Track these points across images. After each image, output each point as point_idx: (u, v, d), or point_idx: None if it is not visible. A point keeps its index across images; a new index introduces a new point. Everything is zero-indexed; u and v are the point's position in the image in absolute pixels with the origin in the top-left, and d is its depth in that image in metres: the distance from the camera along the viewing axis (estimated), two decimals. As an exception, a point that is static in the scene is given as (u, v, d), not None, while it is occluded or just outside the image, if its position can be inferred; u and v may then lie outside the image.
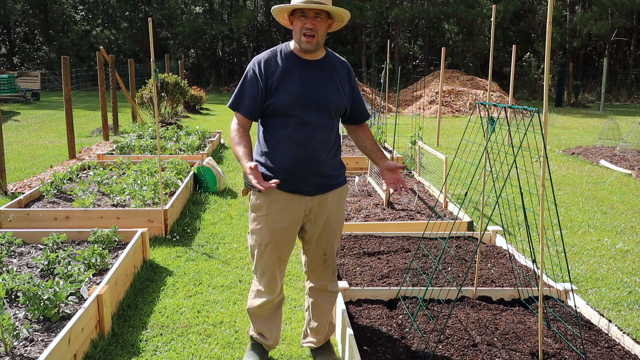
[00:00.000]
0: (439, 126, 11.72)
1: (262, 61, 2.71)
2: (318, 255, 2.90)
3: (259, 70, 2.70)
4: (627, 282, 4.32)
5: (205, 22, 30.48)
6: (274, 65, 2.70)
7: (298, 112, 2.67)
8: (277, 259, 2.81)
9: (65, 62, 9.38)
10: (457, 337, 3.01)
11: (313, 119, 2.69)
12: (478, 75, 26.19)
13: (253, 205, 2.79)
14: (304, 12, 2.63)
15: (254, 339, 3.04)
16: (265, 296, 2.89)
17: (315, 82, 2.71)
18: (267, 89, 2.68)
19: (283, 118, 2.69)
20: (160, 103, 14.02)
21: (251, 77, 2.72)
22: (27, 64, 33.79)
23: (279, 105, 2.67)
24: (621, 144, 10.42)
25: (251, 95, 2.70)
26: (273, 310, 2.97)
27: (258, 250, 2.81)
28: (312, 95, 2.69)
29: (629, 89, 27.10)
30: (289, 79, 2.68)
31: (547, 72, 2.50)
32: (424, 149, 7.20)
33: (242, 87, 2.74)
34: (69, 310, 3.20)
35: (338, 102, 2.76)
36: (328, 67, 2.77)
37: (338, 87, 2.77)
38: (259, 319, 2.98)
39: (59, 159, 9.23)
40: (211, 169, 6.97)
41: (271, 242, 2.76)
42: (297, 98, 2.67)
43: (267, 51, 2.77)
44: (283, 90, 2.67)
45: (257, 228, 2.78)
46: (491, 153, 3.08)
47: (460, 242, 4.61)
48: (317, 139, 2.70)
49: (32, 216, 5.18)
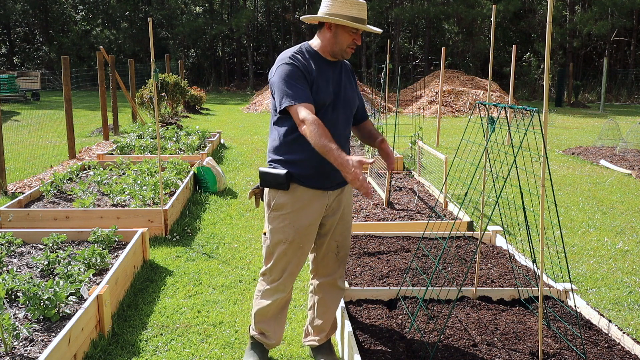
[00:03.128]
0: (439, 126, 11.72)
1: (299, 57, 2.70)
2: (331, 249, 2.93)
3: (300, 64, 2.67)
4: (627, 282, 4.32)
5: (205, 22, 30.49)
6: (309, 63, 2.71)
7: (329, 109, 2.73)
8: (300, 255, 2.81)
9: (65, 62, 9.38)
10: (457, 337, 3.01)
11: (340, 117, 2.78)
12: (478, 75, 26.18)
13: (276, 204, 2.76)
14: (357, 29, 2.71)
15: (255, 339, 3.02)
16: (279, 294, 2.86)
17: (340, 82, 2.80)
18: (309, 83, 2.68)
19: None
20: (160, 103, 14.02)
21: (295, 70, 2.65)
22: (27, 64, 33.79)
23: (315, 102, 2.66)
24: (621, 144, 10.42)
25: (304, 86, 2.64)
26: (279, 310, 2.95)
27: (280, 249, 2.79)
28: (341, 94, 2.78)
29: (629, 89, 27.09)
30: (323, 78, 2.73)
31: (547, 72, 2.50)
32: (424, 149, 7.20)
33: (290, 81, 2.63)
34: (69, 310, 3.20)
35: (355, 101, 2.89)
36: (344, 69, 2.87)
37: (354, 86, 2.89)
38: (264, 319, 2.95)
39: (59, 159, 9.23)
40: (211, 169, 6.98)
41: (296, 240, 2.76)
42: (330, 96, 2.72)
43: (294, 50, 2.76)
44: (320, 88, 2.69)
45: (280, 226, 2.76)
46: (491, 153, 3.08)
47: (460, 242, 4.61)
48: (343, 136, 2.79)
49: (32, 216, 5.18)
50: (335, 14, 2.66)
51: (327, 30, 2.73)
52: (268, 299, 2.88)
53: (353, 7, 2.66)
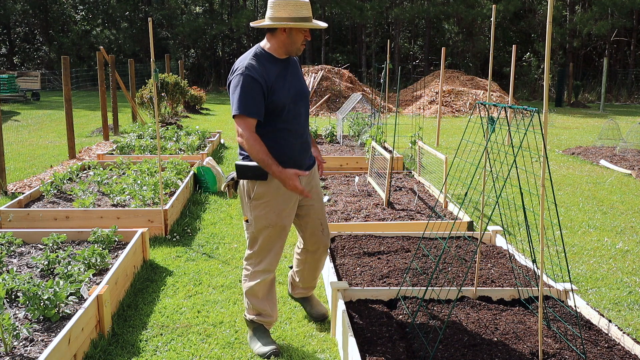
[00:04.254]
0: (439, 126, 11.72)
1: (255, 65, 2.94)
2: (317, 227, 3.29)
3: (256, 73, 2.92)
4: (627, 282, 4.32)
5: (205, 22, 30.48)
6: (264, 68, 2.96)
7: (291, 105, 3.03)
8: (284, 236, 3.15)
9: (65, 62, 9.38)
10: (457, 337, 3.01)
11: (302, 110, 3.11)
12: (478, 75, 26.18)
13: (256, 194, 3.04)
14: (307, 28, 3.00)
15: (255, 322, 3.21)
16: (266, 274, 3.14)
17: (294, 77, 3.10)
18: (268, 89, 2.95)
19: (282, 114, 3.01)
20: (160, 103, 14.02)
21: (249, 81, 2.91)
22: (27, 64, 33.78)
23: (278, 103, 2.98)
24: (621, 144, 10.42)
25: (258, 98, 2.92)
26: (268, 289, 3.20)
27: (265, 233, 3.08)
28: (298, 89, 3.08)
29: (629, 89, 27.09)
30: (280, 78, 3.01)
31: (547, 72, 2.50)
32: (424, 149, 7.20)
33: (244, 93, 2.90)
34: (69, 310, 3.21)
35: (308, 91, 3.22)
36: (292, 63, 3.15)
37: (302, 78, 3.20)
38: (257, 299, 3.17)
39: (59, 159, 9.23)
40: (211, 169, 6.98)
41: (279, 223, 3.08)
42: (289, 93, 3.02)
43: (248, 57, 3.00)
44: (279, 88, 2.98)
45: (262, 214, 3.05)
46: (491, 153, 3.08)
47: (460, 242, 4.61)
48: (306, 126, 3.17)
49: (32, 216, 5.18)
50: (286, 18, 2.92)
51: (282, 33, 2.98)
52: (256, 279, 3.13)
53: (302, 8, 2.93)
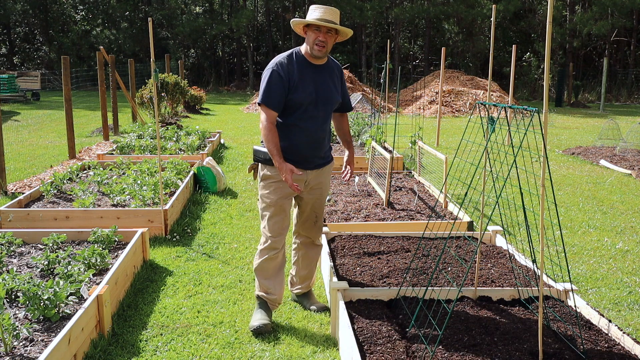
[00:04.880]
0: (439, 126, 11.72)
1: (284, 63, 3.30)
2: (311, 218, 3.63)
3: (283, 71, 3.28)
4: (627, 282, 4.32)
5: (205, 22, 30.47)
6: (293, 68, 3.30)
7: (310, 107, 3.34)
8: (284, 216, 3.47)
9: (65, 62, 9.38)
10: (457, 337, 3.01)
11: (320, 113, 3.38)
12: (478, 75, 26.17)
13: (264, 175, 3.44)
14: (318, 27, 3.25)
15: (261, 298, 3.55)
16: (271, 251, 3.46)
17: (322, 83, 3.37)
18: (290, 87, 3.28)
19: (298, 112, 3.33)
20: (160, 103, 14.02)
21: (276, 76, 3.28)
22: (27, 64, 33.78)
23: (296, 101, 3.30)
24: (621, 144, 10.42)
25: (279, 92, 3.27)
26: (277, 270, 3.53)
27: (268, 212, 3.44)
28: (321, 94, 3.36)
29: (629, 89, 27.09)
30: (305, 80, 3.31)
31: (547, 72, 2.50)
32: (424, 149, 7.20)
33: (269, 86, 3.28)
34: (69, 310, 3.20)
35: (337, 98, 3.48)
36: (329, 70, 3.44)
37: (336, 86, 3.48)
38: (265, 277, 3.51)
39: (59, 159, 9.23)
40: (211, 169, 6.98)
41: (278, 203, 3.43)
42: (311, 96, 3.32)
43: (284, 55, 3.36)
44: (301, 89, 3.29)
45: (266, 193, 3.44)
46: (491, 153, 3.08)
47: (460, 242, 4.61)
48: (321, 129, 3.42)
49: (32, 216, 5.18)
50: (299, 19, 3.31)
51: (304, 34, 3.35)
52: (263, 256, 3.49)
53: (316, 11, 3.27)
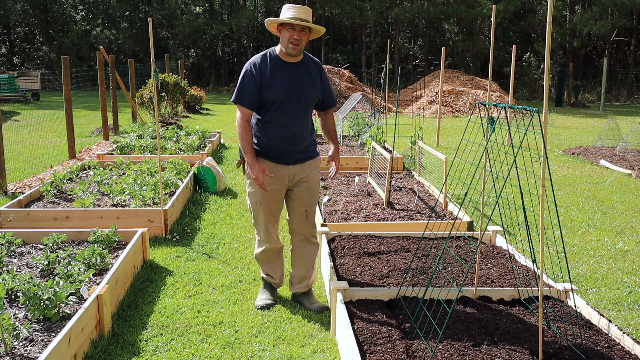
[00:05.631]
0: (439, 126, 11.72)
1: (257, 63, 3.46)
2: (300, 213, 3.67)
3: (255, 70, 3.44)
4: (627, 282, 4.32)
5: (205, 22, 30.47)
6: (266, 67, 3.45)
7: (284, 103, 3.45)
8: (269, 214, 3.61)
9: (65, 62, 9.38)
10: (457, 337, 3.01)
11: (294, 109, 3.47)
12: (478, 75, 26.18)
13: (247, 173, 3.56)
14: (292, 25, 3.38)
15: (265, 279, 3.84)
16: (265, 244, 3.71)
17: (297, 80, 3.47)
18: (262, 85, 3.42)
19: (272, 108, 3.46)
20: (160, 103, 14.02)
21: (249, 76, 3.45)
22: (27, 64, 33.76)
23: (269, 99, 3.43)
24: (621, 144, 10.42)
25: (251, 91, 3.43)
26: (275, 256, 3.78)
27: (254, 208, 3.62)
28: (294, 91, 3.45)
29: (629, 89, 27.09)
30: (277, 78, 3.43)
31: (547, 72, 2.50)
32: (424, 149, 7.20)
33: (242, 84, 3.46)
34: (69, 310, 3.20)
35: (313, 94, 3.55)
36: (305, 67, 3.54)
37: (313, 82, 3.55)
38: (265, 263, 3.79)
39: (59, 159, 9.23)
40: (211, 169, 6.97)
41: (263, 202, 3.57)
42: (284, 93, 3.43)
43: (259, 55, 3.52)
44: (273, 87, 3.42)
45: (252, 191, 3.59)
46: (491, 153, 3.08)
47: (460, 242, 4.61)
48: (297, 124, 3.50)
49: (32, 216, 5.18)
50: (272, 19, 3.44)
51: (278, 33, 3.48)
52: (259, 247, 3.75)
53: (289, 10, 3.39)
